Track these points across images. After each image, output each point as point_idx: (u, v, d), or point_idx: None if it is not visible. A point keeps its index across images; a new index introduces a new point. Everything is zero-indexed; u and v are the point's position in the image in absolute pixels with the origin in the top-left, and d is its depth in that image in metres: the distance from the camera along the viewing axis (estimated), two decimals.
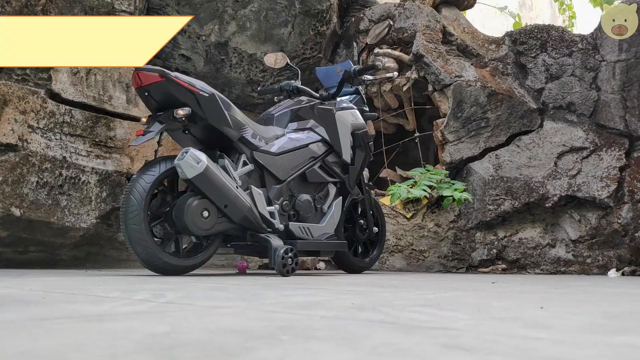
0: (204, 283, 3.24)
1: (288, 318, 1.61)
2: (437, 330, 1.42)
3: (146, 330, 1.33)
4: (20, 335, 1.23)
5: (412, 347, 1.15)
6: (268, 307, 1.91)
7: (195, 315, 1.64)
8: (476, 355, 1.08)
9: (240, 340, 1.20)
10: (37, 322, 1.46)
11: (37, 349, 1.07)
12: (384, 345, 1.18)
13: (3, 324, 1.41)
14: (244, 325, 1.45)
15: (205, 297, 2.31)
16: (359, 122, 5.14)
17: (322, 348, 1.13)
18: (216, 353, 1.06)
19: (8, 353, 1.01)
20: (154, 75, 4.08)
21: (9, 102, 4.83)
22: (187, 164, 3.97)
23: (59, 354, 1.03)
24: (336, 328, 1.42)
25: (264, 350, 1.10)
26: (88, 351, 1.06)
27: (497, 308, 2.03)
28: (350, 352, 1.09)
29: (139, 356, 1.02)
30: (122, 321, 1.49)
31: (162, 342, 1.16)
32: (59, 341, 1.15)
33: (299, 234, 4.68)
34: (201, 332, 1.32)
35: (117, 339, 1.20)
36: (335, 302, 2.12)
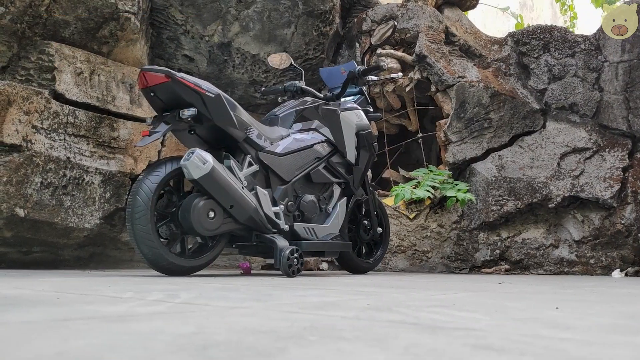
0: (213, 283, 3.24)
1: (308, 318, 1.61)
2: (460, 331, 1.42)
3: (172, 331, 1.33)
4: (48, 336, 1.23)
5: (443, 348, 1.16)
6: (285, 308, 1.91)
7: (216, 316, 1.64)
8: (508, 356, 1.08)
9: (270, 341, 1.20)
10: (61, 322, 1.46)
11: (71, 349, 1.07)
12: (414, 345, 1.18)
13: (28, 324, 1.41)
14: (268, 325, 1.45)
15: (218, 297, 2.31)
16: (363, 123, 5.15)
17: (353, 349, 1.13)
18: (251, 353, 1.06)
19: (45, 354, 1.01)
20: (160, 76, 4.08)
21: (13, 103, 4.82)
22: (193, 164, 3.98)
23: (95, 354, 1.03)
24: (360, 329, 1.42)
25: (297, 350, 1.10)
26: (123, 352, 1.06)
27: (513, 309, 2.03)
28: (383, 352, 1.09)
29: (175, 356, 1.02)
30: (144, 322, 1.49)
31: (193, 343, 1.16)
32: (89, 342, 1.15)
33: (303, 234, 4.68)
34: (228, 332, 1.32)
35: (147, 339, 1.20)
36: (350, 303, 2.12)
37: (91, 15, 5.26)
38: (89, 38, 5.34)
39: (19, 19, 4.93)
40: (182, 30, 6.04)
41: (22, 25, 4.98)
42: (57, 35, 5.19)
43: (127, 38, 5.52)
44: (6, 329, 1.32)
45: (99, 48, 5.45)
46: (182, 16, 5.96)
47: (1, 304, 1.88)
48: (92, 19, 5.27)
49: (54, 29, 5.15)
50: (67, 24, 5.19)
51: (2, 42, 4.94)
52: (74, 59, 5.21)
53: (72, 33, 5.24)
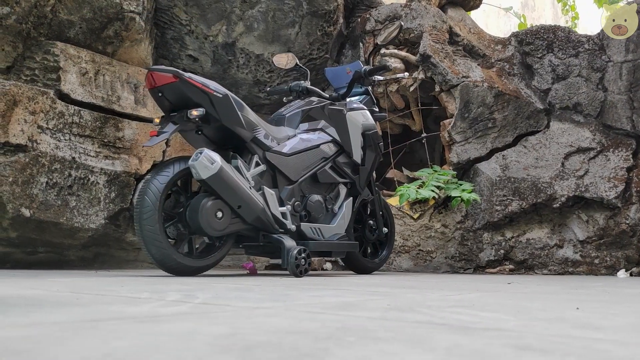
0: (224, 284, 3.24)
1: (336, 319, 1.61)
2: (492, 331, 1.42)
3: (208, 332, 1.32)
4: (87, 337, 1.22)
5: (485, 349, 1.16)
6: (307, 308, 1.91)
7: (242, 317, 1.64)
8: (552, 357, 1.08)
9: (309, 342, 1.20)
10: (91, 323, 1.45)
11: (116, 350, 1.07)
12: (455, 346, 1.18)
13: (59, 325, 1.41)
14: (299, 326, 1.45)
15: (235, 297, 2.30)
16: (369, 123, 5.15)
17: (396, 350, 1.13)
18: (297, 354, 1.06)
19: (92, 356, 1.01)
20: (168, 76, 4.08)
21: (19, 103, 4.82)
22: (201, 164, 3.97)
23: (142, 355, 1.03)
24: (393, 330, 1.42)
25: (341, 351, 1.10)
26: (169, 353, 1.05)
27: (534, 309, 2.03)
28: (427, 354, 1.09)
29: (223, 357, 1.02)
30: (174, 322, 1.49)
31: (235, 344, 1.16)
32: (131, 343, 1.15)
33: (310, 234, 4.69)
34: (263, 333, 1.31)
35: (186, 340, 1.20)
36: (369, 304, 2.12)
37: (96, 16, 5.25)
38: (93, 38, 5.34)
39: (24, 19, 4.93)
40: (186, 30, 6.03)
41: (27, 26, 4.97)
42: (62, 36, 5.18)
43: (132, 38, 5.52)
44: (41, 330, 1.32)
45: (104, 48, 5.45)
46: (186, 16, 5.95)
47: (24, 305, 1.87)
48: (97, 19, 5.27)
49: (59, 29, 5.15)
50: (72, 24, 5.18)
51: (7, 42, 4.93)
52: (79, 59, 5.21)
53: (77, 33, 5.23)
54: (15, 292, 2.39)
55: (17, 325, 1.39)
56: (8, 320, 1.48)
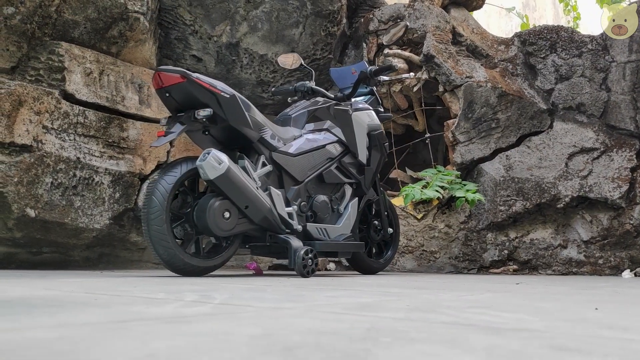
0: (235, 284, 3.24)
1: (362, 320, 1.61)
2: (522, 332, 1.42)
3: (240, 332, 1.33)
4: (123, 338, 1.22)
5: (523, 350, 1.16)
6: (328, 309, 1.91)
7: (267, 317, 1.64)
8: (592, 357, 1.08)
9: (347, 342, 1.20)
10: (120, 324, 1.45)
11: (158, 351, 1.07)
12: (494, 347, 1.18)
13: (89, 326, 1.41)
14: (329, 327, 1.45)
15: (252, 298, 2.30)
16: (374, 123, 5.16)
17: (435, 351, 1.13)
18: (340, 355, 1.06)
19: (136, 356, 1.01)
20: (176, 77, 4.08)
21: (24, 103, 4.81)
22: (209, 165, 3.97)
23: (185, 356, 1.03)
24: (423, 330, 1.42)
25: (382, 352, 1.10)
26: (211, 354, 1.05)
27: (552, 310, 2.04)
28: (468, 354, 1.09)
29: (267, 357, 1.02)
30: (202, 322, 1.49)
31: (272, 344, 1.16)
32: (169, 343, 1.15)
33: (316, 234, 4.69)
34: (295, 333, 1.31)
35: (223, 341, 1.20)
36: (387, 304, 2.12)
37: (100, 16, 5.25)
38: (98, 38, 5.33)
39: (28, 19, 4.92)
40: (190, 31, 6.03)
41: (32, 26, 4.97)
42: (66, 36, 5.18)
43: (136, 38, 5.51)
44: (74, 331, 1.32)
45: (108, 48, 5.44)
46: (190, 16, 5.95)
47: (45, 305, 1.87)
48: (101, 19, 5.26)
49: (63, 29, 5.14)
50: (76, 24, 5.18)
51: (11, 42, 4.92)
52: (83, 59, 5.21)
53: (81, 33, 5.23)
54: (30, 293, 2.39)
55: (47, 326, 1.39)
56: (36, 321, 1.48)
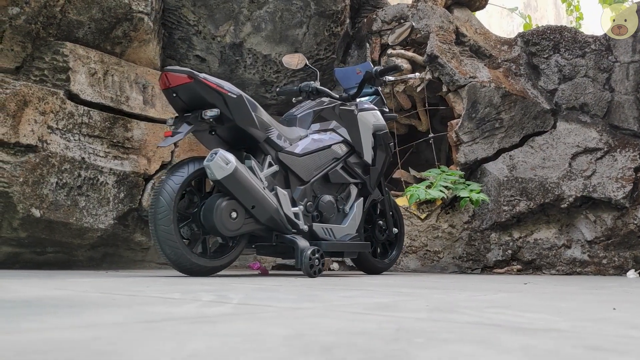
0: (245, 284, 3.24)
1: (387, 320, 1.61)
2: (551, 332, 1.43)
3: (270, 332, 1.33)
4: (159, 339, 1.22)
5: (557, 350, 1.16)
6: (348, 309, 1.91)
7: (291, 317, 1.64)
8: (630, 357, 1.09)
9: (381, 343, 1.21)
10: (148, 324, 1.45)
11: (199, 352, 1.07)
12: (527, 347, 1.18)
13: (118, 326, 1.41)
14: (358, 327, 1.45)
15: (268, 298, 2.31)
16: (380, 123, 5.16)
17: (471, 351, 1.14)
18: (380, 356, 1.06)
19: (178, 356, 1.01)
20: (183, 77, 4.08)
21: (29, 103, 4.81)
22: (216, 165, 3.97)
23: (226, 356, 1.03)
24: (452, 331, 1.43)
25: (420, 352, 1.11)
26: (250, 354, 1.06)
27: (571, 310, 2.04)
28: (506, 355, 1.10)
29: (308, 358, 1.02)
30: (229, 323, 1.49)
31: (308, 345, 1.16)
32: (206, 344, 1.15)
33: (322, 234, 4.69)
34: (327, 334, 1.32)
35: (257, 341, 1.20)
36: (406, 304, 2.13)
37: (105, 16, 5.25)
38: (102, 38, 5.33)
39: (33, 19, 4.92)
40: (194, 31, 6.03)
41: (37, 26, 4.96)
42: (70, 36, 5.18)
43: (140, 38, 5.51)
44: (107, 331, 1.32)
45: (112, 48, 5.44)
46: (194, 17, 5.95)
47: (65, 306, 1.87)
48: (105, 20, 5.26)
49: (67, 30, 5.14)
50: (81, 25, 5.18)
51: (16, 43, 4.92)
52: (88, 60, 5.20)
53: (85, 33, 5.23)
54: (45, 293, 2.39)
55: (77, 327, 1.39)
56: (63, 322, 1.48)
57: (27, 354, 1.02)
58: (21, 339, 1.18)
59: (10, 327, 1.36)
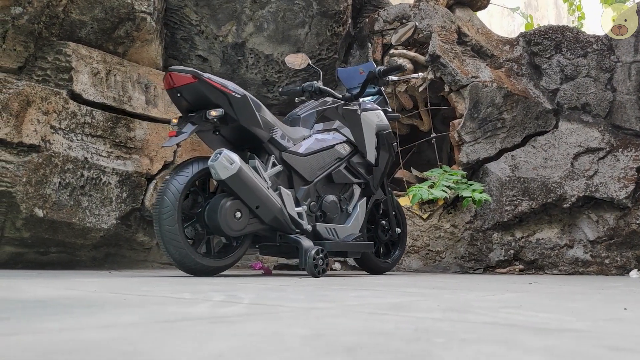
0: (252, 284, 3.24)
1: (403, 320, 1.61)
2: (570, 332, 1.43)
3: (289, 332, 1.33)
4: (180, 338, 1.22)
5: (580, 350, 1.16)
6: (361, 309, 1.91)
7: (307, 317, 1.64)
8: None
9: (402, 343, 1.21)
10: (168, 324, 1.45)
11: (223, 352, 1.07)
12: (550, 347, 1.18)
13: (139, 326, 1.41)
14: (375, 327, 1.45)
15: (278, 298, 2.31)
16: (383, 123, 5.17)
17: (494, 351, 1.14)
18: (404, 356, 1.06)
19: (205, 356, 1.01)
20: (187, 77, 4.08)
21: (32, 103, 4.81)
22: (221, 165, 3.97)
23: (251, 356, 1.03)
24: (470, 331, 1.43)
25: (445, 352, 1.11)
26: (276, 355, 1.06)
27: (583, 310, 2.04)
28: (531, 355, 1.10)
29: (332, 358, 1.02)
30: (245, 323, 1.49)
31: (330, 345, 1.16)
32: (229, 344, 1.15)
33: (325, 234, 4.69)
34: (346, 334, 1.32)
35: (279, 341, 1.20)
36: (417, 304, 2.13)
37: (107, 16, 5.24)
38: (104, 38, 5.33)
39: (36, 19, 4.91)
40: (196, 31, 6.03)
41: (39, 26, 4.96)
42: (73, 36, 5.17)
43: (143, 38, 5.51)
44: (127, 331, 1.32)
45: (115, 48, 5.44)
46: (196, 16, 5.95)
47: (79, 306, 1.87)
48: (108, 19, 5.26)
49: (70, 29, 5.14)
50: (83, 24, 5.17)
51: (19, 42, 4.91)
52: (90, 59, 5.20)
53: (88, 33, 5.22)
54: (56, 293, 2.39)
55: (96, 327, 1.39)
56: (80, 322, 1.48)
57: (52, 354, 1.02)
58: (44, 339, 1.18)
59: (31, 327, 1.36)
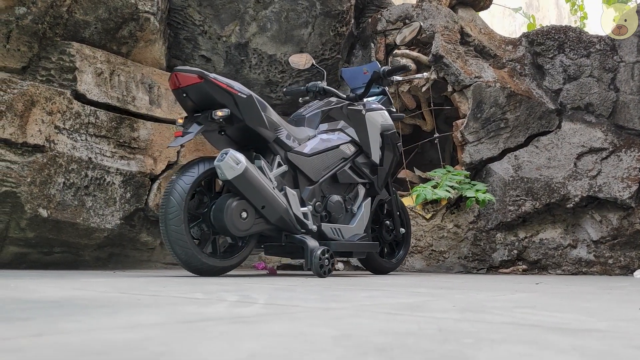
0: (261, 284, 3.23)
1: (425, 321, 1.61)
2: (594, 332, 1.43)
3: (316, 332, 1.33)
4: (209, 339, 1.22)
5: (610, 350, 1.16)
6: (378, 309, 1.91)
7: (327, 317, 1.64)
8: None
9: (433, 344, 1.21)
10: (191, 325, 1.45)
11: (257, 352, 1.06)
12: (580, 348, 1.18)
13: (161, 326, 1.41)
14: (400, 328, 1.45)
15: (292, 298, 2.30)
16: (388, 123, 5.16)
17: (526, 351, 1.14)
18: (437, 356, 1.06)
19: (240, 357, 1.01)
20: (193, 77, 4.08)
21: (37, 103, 4.80)
22: (227, 165, 3.97)
23: (286, 357, 1.03)
24: (495, 331, 1.43)
25: (478, 352, 1.11)
26: (310, 355, 1.05)
27: (599, 310, 2.04)
28: (563, 355, 1.10)
29: (370, 359, 1.02)
30: (268, 323, 1.49)
31: (361, 345, 1.16)
32: (260, 344, 1.15)
33: (330, 235, 4.69)
34: (374, 334, 1.32)
35: (308, 342, 1.20)
36: (431, 304, 2.13)
37: (111, 16, 5.24)
38: (108, 38, 5.33)
39: (40, 19, 4.91)
40: (199, 31, 6.02)
41: (43, 26, 4.95)
42: (77, 36, 5.17)
43: (146, 38, 5.51)
44: (154, 331, 1.31)
45: (118, 48, 5.43)
46: (200, 16, 5.95)
47: (96, 306, 1.87)
48: (112, 20, 5.26)
49: (74, 30, 5.13)
50: (87, 25, 5.17)
51: (23, 43, 4.91)
52: (94, 60, 5.20)
53: (91, 33, 5.22)
54: (67, 294, 2.38)
55: (121, 327, 1.39)
56: (100, 322, 1.47)
57: (88, 354, 1.02)
58: (74, 340, 1.18)
59: (54, 328, 1.36)
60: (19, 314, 1.61)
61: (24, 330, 1.31)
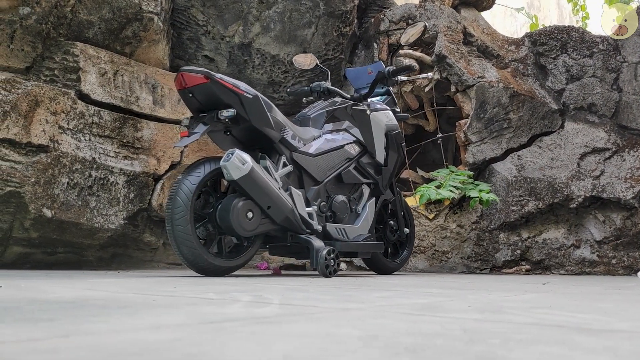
0: (270, 284, 3.23)
1: (447, 322, 1.61)
2: (619, 333, 1.43)
3: (341, 333, 1.32)
4: (238, 340, 1.22)
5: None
6: (397, 309, 1.91)
7: (348, 318, 1.64)
8: None
9: (461, 344, 1.20)
10: (216, 325, 1.44)
11: (291, 353, 1.06)
12: (611, 348, 1.18)
13: (188, 327, 1.40)
14: (425, 328, 1.45)
15: (306, 298, 2.30)
16: (392, 123, 5.17)
17: (559, 352, 1.14)
18: (472, 357, 1.06)
19: (274, 357, 1.01)
20: (199, 77, 4.07)
21: (41, 103, 4.80)
22: (233, 165, 3.97)
23: (321, 358, 1.02)
24: (519, 332, 1.43)
25: (510, 353, 1.10)
26: (345, 356, 1.05)
27: (616, 311, 2.04)
28: (595, 355, 1.10)
29: (402, 359, 1.02)
30: (292, 324, 1.48)
31: (391, 346, 1.16)
32: (291, 345, 1.15)
33: (335, 235, 4.69)
34: (402, 335, 1.31)
35: (337, 342, 1.19)
36: (446, 305, 2.13)
37: (115, 16, 5.24)
38: (112, 38, 5.32)
39: (44, 19, 4.91)
40: (202, 31, 6.02)
41: (47, 26, 4.95)
42: (81, 36, 5.16)
43: (150, 39, 5.50)
44: (181, 332, 1.31)
45: (122, 48, 5.43)
46: (203, 17, 5.94)
47: (113, 307, 1.86)
48: (115, 20, 5.25)
49: (78, 30, 5.13)
50: (91, 25, 5.16)
51: (27, 43, 4.90)
52: (98, 60, 5.19)
53: (95, 33, 5.21)
54: (80, 294, 2.38)
55: (146, 328, 1.38)
56: (124, 323, 1.47)
57: (122, 355, 1.02)
58: (104, 341, 1.18)
59: (80, 328, 1.36)
60: (40, 314, 1.61)
61: (51, 331, 1.31)
